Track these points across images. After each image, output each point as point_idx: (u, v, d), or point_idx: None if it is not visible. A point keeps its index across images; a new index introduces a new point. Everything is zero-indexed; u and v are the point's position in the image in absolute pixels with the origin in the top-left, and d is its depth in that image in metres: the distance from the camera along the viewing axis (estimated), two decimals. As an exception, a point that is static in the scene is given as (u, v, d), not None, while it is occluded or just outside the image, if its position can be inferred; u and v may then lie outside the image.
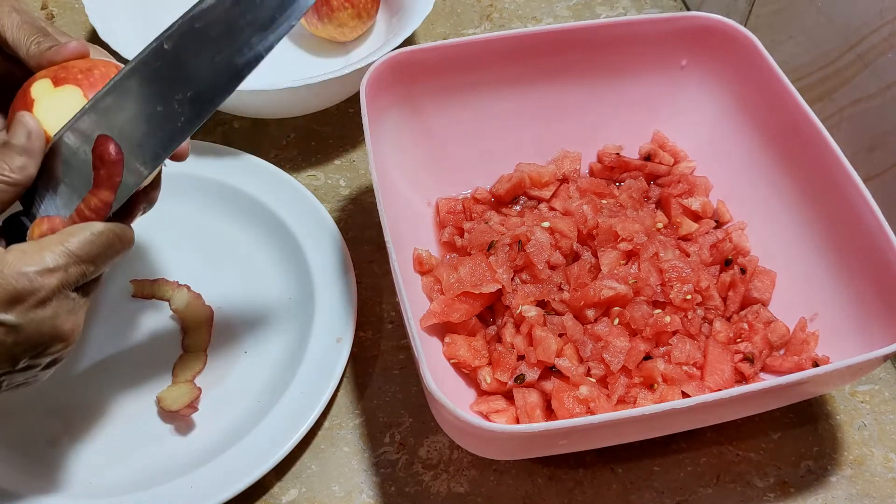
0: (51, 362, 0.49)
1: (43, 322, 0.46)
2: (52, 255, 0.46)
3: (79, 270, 0.47)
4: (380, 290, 0.72)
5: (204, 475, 0.59)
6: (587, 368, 0.62)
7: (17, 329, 0.46)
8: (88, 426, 0.63)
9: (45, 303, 0.46)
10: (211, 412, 0.64)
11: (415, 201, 0.71)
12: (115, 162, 0.48)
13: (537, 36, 0.70)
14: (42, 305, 0.46)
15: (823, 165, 0.63)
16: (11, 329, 0.45)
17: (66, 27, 0.92)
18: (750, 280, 0.67)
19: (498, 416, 0.61)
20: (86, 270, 0.48)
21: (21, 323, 0.45)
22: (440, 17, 0.94)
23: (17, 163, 0.47)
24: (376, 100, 0.65)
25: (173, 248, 0.73)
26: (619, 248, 0.66)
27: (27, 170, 0.48)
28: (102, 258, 0.49)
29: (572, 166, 0.74)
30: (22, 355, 0.47)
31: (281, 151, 0.81)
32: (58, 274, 0.46)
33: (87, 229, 0.48)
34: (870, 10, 0.67)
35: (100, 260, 0.49)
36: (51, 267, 0.46)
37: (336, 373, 0.63)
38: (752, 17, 0.83)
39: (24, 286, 0.45)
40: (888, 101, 0.67)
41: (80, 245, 0.47)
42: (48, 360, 0.49)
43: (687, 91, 0.75)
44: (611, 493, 0.62)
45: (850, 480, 0.63)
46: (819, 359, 0.62)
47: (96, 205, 0.49)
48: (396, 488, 0.62)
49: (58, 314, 0.47)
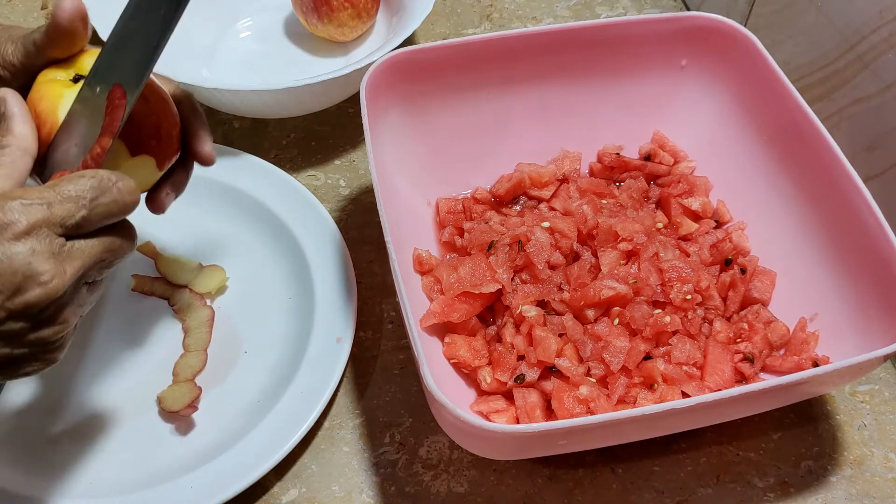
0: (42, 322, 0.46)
1: (16, 256, 0.43)
2: (36, 192, 0.45)
3: (64, 210, 0.45)
4: (380, 290, 0.72)
5: (204, 475, 0.59)
6: (587, 368, 0.62)
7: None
8: (88, 426, 0.63)
9: (21, 237, 0.44)
10: (211, 412, 0.64)
11: (415, 201, 0.71)
12: (117, 107, 0.48)
13: (537, 36, 0.70)
14: (18, 239, 0.43)
15: (823, 165, 0.63)
16: None
17: (66, 27, 0.92)
18: (750, 280, 0.67)
19: (498, 416, 0.61)
20: (73, 211, 0.45)
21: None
22: (440, 17, 0.94)
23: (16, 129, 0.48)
24: (376, 100, 0.65)
25: (173, 248, 0.72)
26: (619, 248, 0.66)
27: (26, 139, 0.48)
28: (95, 204, 0.46)
29: (572, 166, 0.74)
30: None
31: (281, 151, 0.81)
32: (39, 208, 0.44)
33: (79, 174, 0.47)
34: (870, 10, 0.67)
35: (93, 205, 0.46)
36: (30, 202, 0.44)
37: (336, 373, 0.63)
38: (752, 17, 0.83)
39: (0, 218, 0.43)
40: (888, 101, 0.67)
41: (69, 185, 0.46)
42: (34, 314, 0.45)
43: (687, 91, 0.75)
44: (611, 493, 0.62)
45: (850, 480, 0.63)
46: (819, 359, 0.62)
47: (97, 152, 0.48)
48: (396, 488, 0.62)
49: (34, 251, 0.44)
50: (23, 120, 0.49)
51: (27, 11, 0.94)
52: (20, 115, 0.49)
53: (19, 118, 0.49)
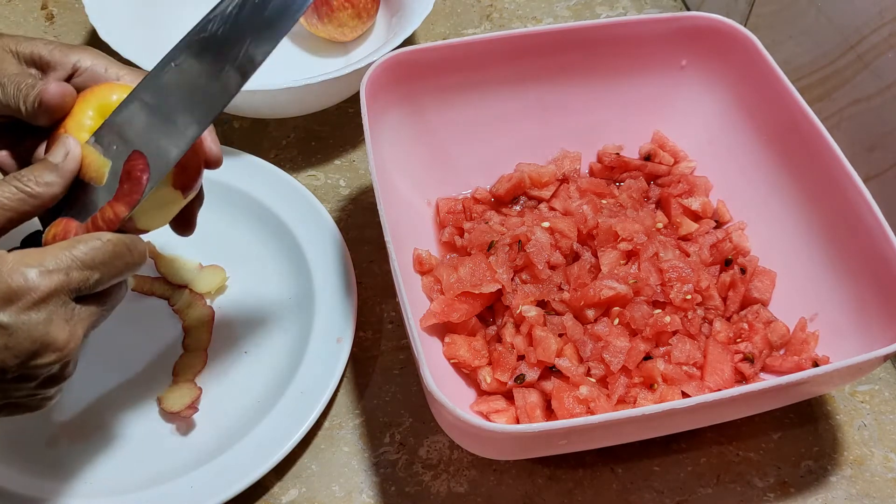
0: (48, 380, 0.47)
1: (35, 326, 0.44)
2: (53, 258, 0.45)
3: (80, 276, 0.46)
4: (380, 290, 0.72)
5: (204, 475, 0.59)
6: (587, 368, 0.62)
7: (7, 330, 0.44)
8: (88, 426, 0.63)
9: (39, 305, 0.44)
10: (211, 412, 0.64)
11: (415, 201, 0.71)
12: (139, 179, 0.48)
13: (537, 36, 0.70)
14: (36, 307, 0.44)
15: (823, 165, 0.63)
16: (2, 330, 0.44)
17: (66, 27, 0.92)
18: (750, 280, 0.67)
19: (498, 416, 0.61)
20: (88, 277, 0.46)
21: (11, 323, 0.44)
22: (440, 17, 0.94)
23: (45, 178, 0.47)
24: (376, 100, 0.65)
25: (173, 248, 0.72)
26: (619, 248, 0.66)
27: (53, 188, 0.47)
28: (108, 268, 0.47)
29: (572, 166, 0.74)
30: (10, 360, 0.44)
31: (281, 151, 0.81)
32: (56, 276, 0.45)
33: (95, 237, 0.47)
34: (870, 10, 0.67)
35: (105, 269, 0.47)
36: (50, 268, 0.45)
37: (336, 373, 0.63)
38: (752, 17, 0.83)
39: (20, 284, 0.44)
40: (888, 101, 0.67)
41: (85, 251, 0.46)
42: (43, 375, 0.47)
43: (687, 91, 0.75)
44: (611, 493, 0.62)
45: (850, 480, 0.63)
46: (819, 359, 0.62)
47: (110, 217, 0.48)
48: (396, 488, 0.62)
49: (52, 320, 0.45)
50: (62, 175, 0.48)
51: (27, 11, 0.94)
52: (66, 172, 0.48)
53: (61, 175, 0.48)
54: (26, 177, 0.47)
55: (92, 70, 0.52)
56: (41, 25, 0.92)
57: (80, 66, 0.52)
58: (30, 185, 0.47)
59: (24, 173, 0.47)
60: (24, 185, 0.46)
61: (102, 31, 0.78)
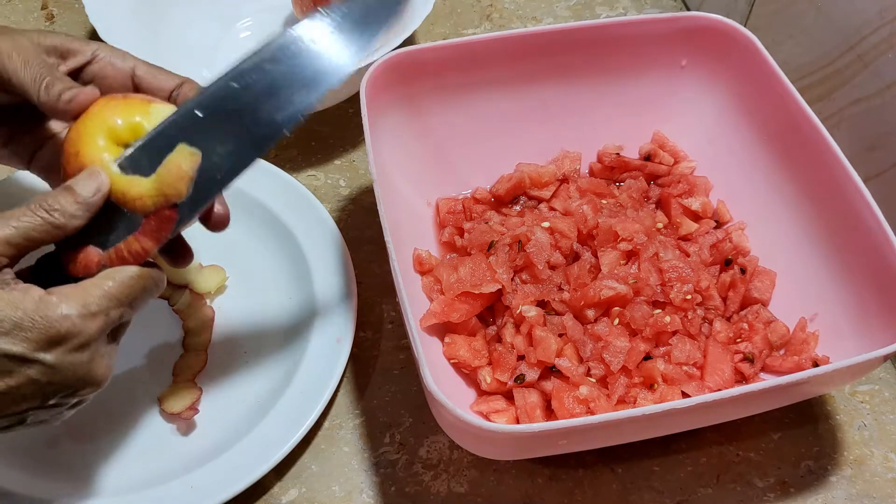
0: (77, 402, 0.49)
1: (80, 365, 0.46)
2: (95, 299, 0.46)
3: (117, 314, 0.48)
4: (380, 290, 0.72)
5: (204, 475, 0.59)
6: (587, 368, 0.62)
7: (54, 369, 0.45)
8: (88, 426, 0.63)
9: (84, 346, 0.46)
10: (211, 412, 0.64)
11: (415, 201, 0.71)
12: (169, 219, 0.48)
13: (537, 36, 0.70)
14: (81, 349, 0.46)
15: (823, 165, 0.63)
16: (48, 369, 0.45)
17: (66, 27, 0.92)
18: (750, 280, 0.67)
19: (498, 416, 0.61)
20: (123, 314, 0.48)
21: (58, 364, 0.45)
22: (440, 17, 0.94)
23: (70, 210, 0.47)
24: (376, 100, 0.65)
25: (173, 248, 0.73)
26: (619, 248, 0.66)
27: (76, 220, 0.47)
28: (138, 302, 0.49)
29: (572, 166, 0.74)
30: (53, 395, 0.47)
31: (281, 151, 0.81)
32: (100, 318, 0.46)
33: (125, 272, 0.48)
34: (870, 10, 0.67)
35: (136, 304, 0.49)
36: (94, 311, 0.46)
37: (336, 373, 0.63)
38: (752, 17, 0.83)
39: (69, 329, 0.45)
40: (888, 101, 0.67)
41: (119, 288, 0.47)
42: (75, 401, 0.49)
43: (687, 91, 0.75)
44: (611, 493, 0.62)
45: (850, 480, 0.63)
46: (819, 359, 0.62)
47: (137, 251, 0.48)
48: (396, 488, 0.62)
49: (93, 358, 0.47)
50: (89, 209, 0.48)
51: (27, 11, 0.94)
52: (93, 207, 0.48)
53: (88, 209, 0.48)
54: (53, 207, 0.47)
55: (110, 59, 0.54)
56: (41, 25, 0.92)
57: (98, 54, 0.54)
58: (57, 217, 0.47)
59: (51, 203, 0.47)
60: (52, 218, 0.47)
61: (102, 31, 0.78)
